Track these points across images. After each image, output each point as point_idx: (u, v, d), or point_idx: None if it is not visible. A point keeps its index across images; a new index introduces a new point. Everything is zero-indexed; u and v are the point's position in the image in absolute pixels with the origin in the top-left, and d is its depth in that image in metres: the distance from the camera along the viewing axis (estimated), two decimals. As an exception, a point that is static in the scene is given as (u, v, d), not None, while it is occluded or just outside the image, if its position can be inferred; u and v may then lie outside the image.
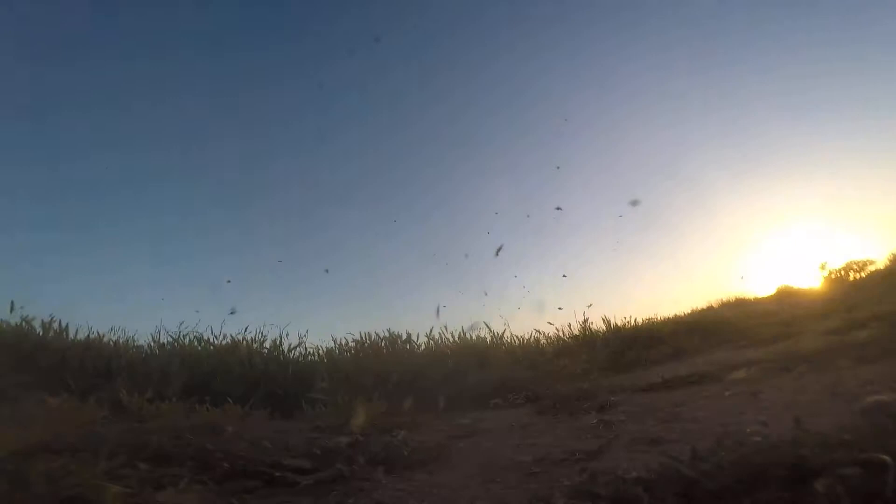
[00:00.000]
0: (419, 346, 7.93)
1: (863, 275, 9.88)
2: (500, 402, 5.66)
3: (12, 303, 6.39)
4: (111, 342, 6.80)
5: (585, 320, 8.99)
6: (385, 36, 15.96)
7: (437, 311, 8.31)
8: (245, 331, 7.18)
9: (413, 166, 18.86)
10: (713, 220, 16.15)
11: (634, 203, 12.82)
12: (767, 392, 3.98)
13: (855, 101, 15.63)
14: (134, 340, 7.00)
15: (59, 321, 6.54)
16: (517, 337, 8.73)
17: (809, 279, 10.86)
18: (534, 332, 9.02)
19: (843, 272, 10.11)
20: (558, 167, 19.28)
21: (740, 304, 10.56)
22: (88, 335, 6.71)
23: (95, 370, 5.85)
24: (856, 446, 1.69)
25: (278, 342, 7.17)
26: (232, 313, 7.37)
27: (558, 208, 12.31)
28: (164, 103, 15.62)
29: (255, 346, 7.02)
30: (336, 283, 15.99)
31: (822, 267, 10.39)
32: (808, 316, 7.74)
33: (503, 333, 8.59)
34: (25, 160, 13.89)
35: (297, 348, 7.27)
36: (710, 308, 10.74)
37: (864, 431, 1.88)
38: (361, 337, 7.70)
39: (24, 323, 6.39)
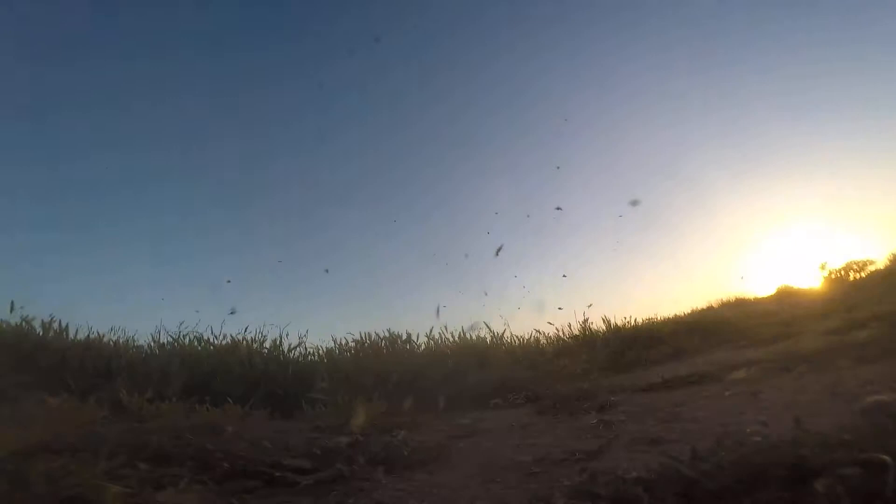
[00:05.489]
0: (419, 346, 7.94)
1: (863, 275, 9.88)
2: (500, 402, 5.66)
3: (12, 303, 6.41)
4: (111, 342, 6.80)
5: (585, 320, 9.01)
6: (385, 36, 15.99)
7: (437, 311, 8.33)
8: (245, 331, 7.20)
9: (413, 166, 18.90)
10: (713, 220, 16.18)
11: (634, 203, 12.85)
12: (767, 392, 3.98)
13: (855, 101, 15.67)
14: (134, 340, 7.02)
15: (59, 321, 6.55)
16: (517, 337, 8.75)
17: (809, 279, 10.89)
18: (534, 332, 9.04)
19: (843, 272, 10.11)
20: (558, 167, 19.32)
21: (740, 304, 10.56)
22: (88, 335, 6.72)
23: (95, 370, 5.85)
24: (856, 446, 1.68)
25: (278, 342, 7.18)
26: (232, 313, 7.39)
27: (558, 208, 12.33)
28: (164, 103, 15.65)
29: (255, 346, 7.02)
30: (336, 283, 16.02)
31: (822, 267, 10.40)
32: (808, 316, 7.73)
33: (503, 333, 8.61)
34: (25, 160, 13.92)
35: (297, 348, 7.28)
36: (710, 308, 10.74)
37: (864, 431, 1.88)
38: (361, 337, 7.71)
39: (24, 323, 6.40)
